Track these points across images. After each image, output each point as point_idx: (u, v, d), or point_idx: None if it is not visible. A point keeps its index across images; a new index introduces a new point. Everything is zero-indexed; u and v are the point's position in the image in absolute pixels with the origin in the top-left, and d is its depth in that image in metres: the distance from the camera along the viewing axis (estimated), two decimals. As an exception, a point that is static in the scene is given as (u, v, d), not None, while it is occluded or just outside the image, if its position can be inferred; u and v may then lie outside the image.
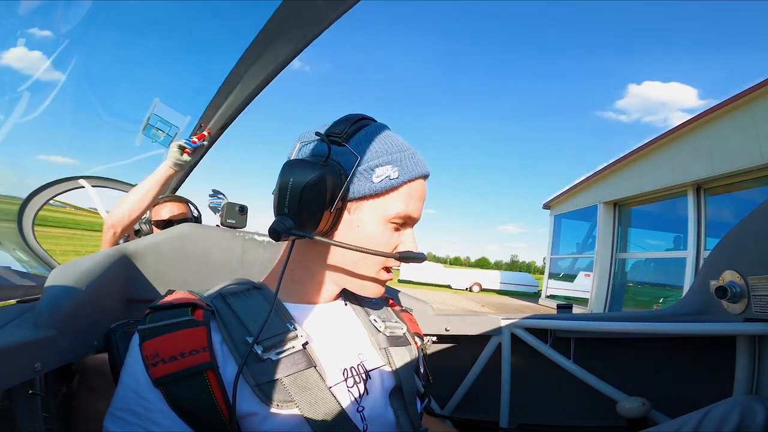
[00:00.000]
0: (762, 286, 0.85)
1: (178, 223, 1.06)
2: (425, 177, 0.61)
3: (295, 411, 0.48)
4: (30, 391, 0.50)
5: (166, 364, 0.45)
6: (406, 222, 0.60)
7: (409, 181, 0.58)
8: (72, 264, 0.69)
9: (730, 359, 0.94)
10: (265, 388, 0.48)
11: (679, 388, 1.11)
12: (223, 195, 1.24)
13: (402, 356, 0.66)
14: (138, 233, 1.74)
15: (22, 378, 0.45)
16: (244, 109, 1.06)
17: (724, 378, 0.95)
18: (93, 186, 1.45)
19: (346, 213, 0.57)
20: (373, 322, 0.68)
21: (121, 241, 1.72)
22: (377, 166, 0.56)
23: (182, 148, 1.19)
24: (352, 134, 0.57)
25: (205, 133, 1.24)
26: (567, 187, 11.09)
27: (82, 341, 0.61)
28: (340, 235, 0.57)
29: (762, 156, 5.32)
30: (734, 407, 0.68)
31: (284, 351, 0.51)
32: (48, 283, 0.59)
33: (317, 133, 0.56)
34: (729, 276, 0.93)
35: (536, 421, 1.17)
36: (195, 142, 1.22)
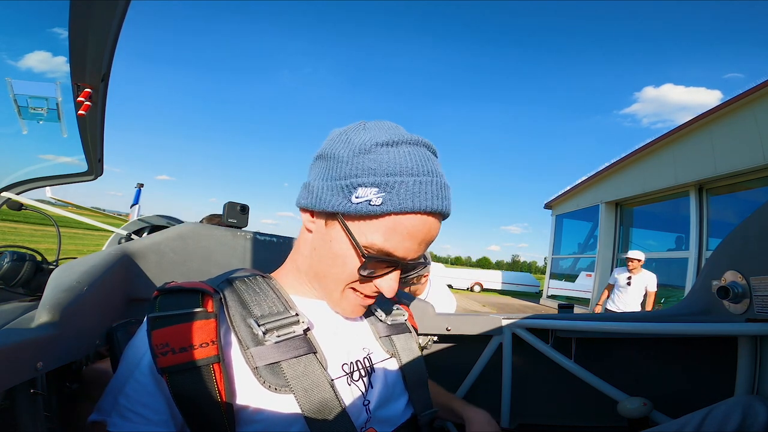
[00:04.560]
0: (764, 286, 0.85)
1: None
2: (432, 214, 0.50)
3: (290, 396, 0.49)
4: (32, 391, 0.50)
5: (176, 354, 0.46)
6: (389, 260, 0.52)
7: (398, 213, 0.49)
8: (74, 263, 0.69)
9: (732, 359, 0.93)
10: (264, 372, 0.49)
11: (680, 388, 1.10)
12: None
13: (404, 343, 0.68)
14: (139, 233, 1.75)
15: (24, 377, 0.45)
16: (114, 47, 0.90)
17: (726, 378, 0.95)
18: (18, 194, 1.40)
19: (322, 223, 0.55)
20: (374, 311, 0.69)
21: (122, 241, 1.73)
22: (360, 186, 0.49)
23: None
24: (366, 144, 0.52)
25: (88, 90, 1.09)
26: (568, 187, 11.08)
27: (84, 340, 0.61)
28: (315, 242, 0.57)
29: (764, 156, 5.31)
30: (736, 407, 0.68)
31: (285, 335, 0.52)
32: (50, 282, 0.59)
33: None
34: (731, 276, 0.93)
35: (537, 421, 1.16)
36: (84, 106, 1.08)
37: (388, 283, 0.54)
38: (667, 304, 7.46)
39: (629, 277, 4.69)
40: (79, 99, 1.09)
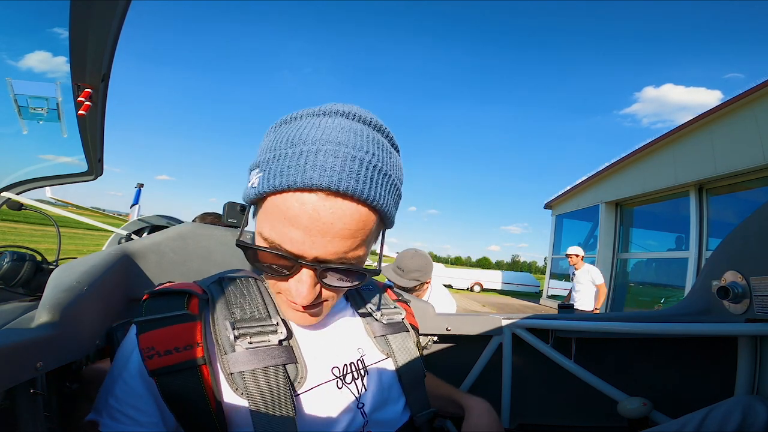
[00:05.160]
0: (764, 286, 0.85)
1: None
2: (311, 190, 0.41)
3: (246, 406, 0.47)
4: (31, 391, 0.50)
5: (162, 357, 0.46)
6: (265, 249, 0.45)
7: (273, 193, 0.43)
8: (74, 263, 0.69)
9: (732, 359, 0.93)
10: (236, 378, 0.48)
11: (680, 388, 1.10)
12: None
13: (401, 342, 0.66)
14: (139, 233, 1.75)
15: (24, 377, 0.45)
16: (114, 47, 0.90)
17: (726, 378, 0.95)
18: (18, 194, 1.40)
19: None
20: (369, 309, 0.67)
21: (122, 241, 1.73)
22: (251, 169, 0.46)
23: None
24: (272, 126, 0.49)
25: (88, 90, 1.10)
26: (568, 187, 11.08)
27: (84, 340, 0.61)
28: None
29: (764, 156, 5.30)
30: (736, 407, 0.68)
31: (257, 343, 0.50)
32: (50, 282, 0.59)
33: None
34: (731, 276, 0.93)
35: (537, 421, 1.16)
36: (84, 106, 1.07)
37: (295, 286, 0.47)
38: (667, 304, 7.46)
39: (573, 273, 5.00)
40: (79, 99, 1.09)
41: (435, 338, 1.12)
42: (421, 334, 1.07)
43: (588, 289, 4.93)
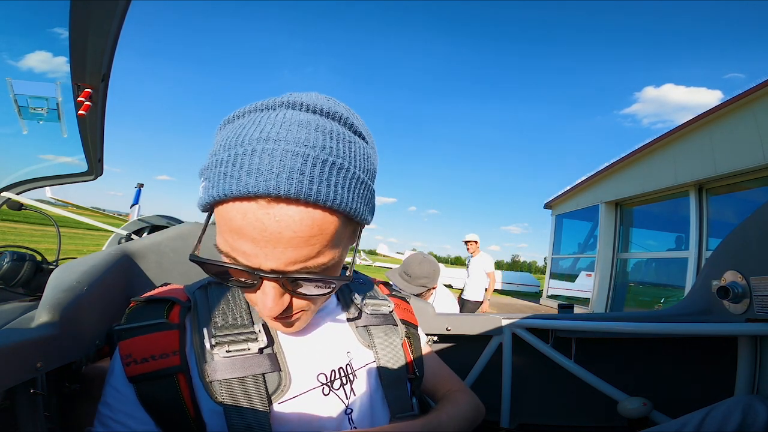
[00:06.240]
0: (764, 286, 0.85)
1: None
2: (246, 198, 0.37)
3: (222, 415, 0.46)
4: (31, 391, 0.50)
5: (138, 364, 0.46)
6: (243, 267, 0.41)
7: (216, 203, 0.39)
8: (74, 263, 0.69)
9: (732, 359, 0.93)
10: (214, 387, 0.47)
11: (680, 388, 1.11)
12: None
13: (384, 336, 0.63)
14: (139, 233, 1.75)
15: (24, 377, 0.45)
16: (114, 47, 0.90)
17: (726, 378, 0.95)
18: (18, 194, 1.41)
19: None
20: (354, 300, 0.64)
21: (122, 241, 1.73)
22: (200, 177, 0.41)
23: None
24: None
25: (88, 90, 1.09)
26: (568, 187, 11.07)
27: (84, 340, 0.61)
28: None
29: (764, 156, 5.30)
30: (736, 407, 0.68)
31: (235, 351, 0.49)
32: (50, 282, 0.59)
33: None
34: (731, 276, 0.93)
35: (537, 421, 1.16)
36: (84, 106, 1.07)
37: (261, 299, 0.44)
38: (667, 304, 7.46)
39: (469, 261, 4.91)
40: (79, 99, 1.09)
41: (435, 338, 1.12)
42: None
43: (479, 278, 4.77)
